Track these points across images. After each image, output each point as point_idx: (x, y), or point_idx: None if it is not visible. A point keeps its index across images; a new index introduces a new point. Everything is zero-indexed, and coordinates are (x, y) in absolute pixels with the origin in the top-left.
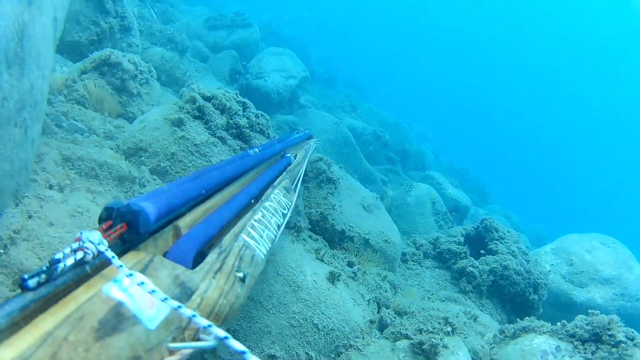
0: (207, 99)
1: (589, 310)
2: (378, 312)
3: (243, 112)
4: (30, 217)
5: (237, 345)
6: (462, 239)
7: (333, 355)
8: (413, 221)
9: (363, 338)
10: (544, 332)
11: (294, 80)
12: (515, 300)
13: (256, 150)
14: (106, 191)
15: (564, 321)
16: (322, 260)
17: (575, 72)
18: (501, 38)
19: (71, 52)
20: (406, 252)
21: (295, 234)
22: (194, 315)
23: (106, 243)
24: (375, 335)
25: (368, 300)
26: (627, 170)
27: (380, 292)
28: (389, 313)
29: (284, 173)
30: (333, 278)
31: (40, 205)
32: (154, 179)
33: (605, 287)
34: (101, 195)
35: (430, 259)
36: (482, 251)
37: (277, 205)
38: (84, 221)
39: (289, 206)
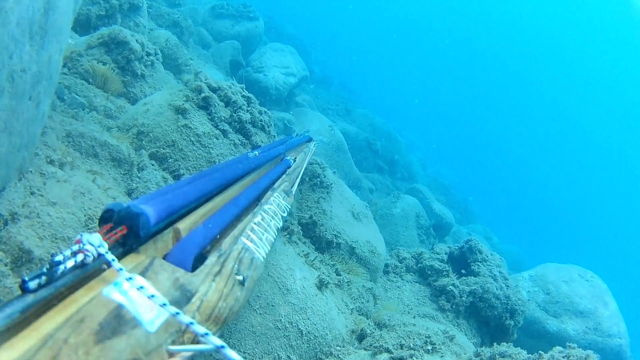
0: (214, 89)
1: (567, 343)
2: (359, 322)
3: (247, 106)
4: (32, 193)
5: (233, 355)
6: (445, 257)
7: None
8: (396, 232)
9: (343, 347)
10: None
11: (293, 79)
12: (491, 323)
13: (256, 152)
14: (104, 172)
15: (541, 352)
16: (311, 265)
17: (569, 91)
18: (497, 49)
19: (78, 25)
20: (389, 264)
21: (287, 235)
22: (191, 323)
23: (106, 245)
24: (354, 345)
25: (351, 310)
26: (611, 200)
27: (362, 302)
28: (369, 324)
29: (284, 176)
30: (321, 285)
31: (42, 182)
32: (152, 164)
33: (579, 320)
34: (101, 176)
35: (411, 274)
36: (464, 271)
37: (276, 208)
38: (85, 203)
39: (288, 209)
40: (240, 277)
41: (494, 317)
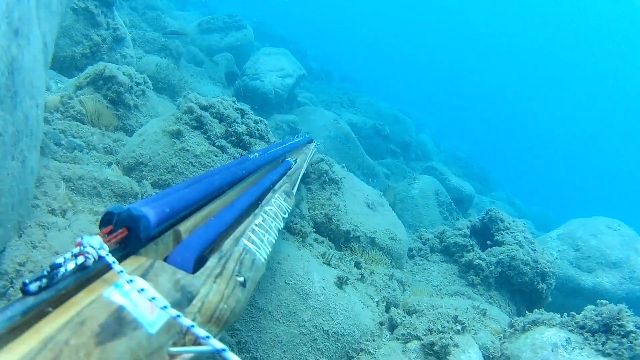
0: (205, 108)
1: (598, 301)
2: (387, 312)
3: (241, 118)
4: (34, 247)
5: (234, 358)
6: (468, 232)
7: None
8: (418, 214)
9: (374, 341)
10: (553, 325)
11: (290, 79)
12: (524, 290)
13: (256, 154)
14: None
15: (573, 313)
16: (329, 265)
17: (573, 59)
18: (498, 23)
19: (65, 67)
20: (413, 248)
21: (301, 239)
22: (192, 326)
23: (107, 248)
24: (386, 336)
25: (377, 302)
26: (630, 151)
27: (388, 292)
28: (398, 312)
29: (284, 177)
30: (341, 283)
31: (44, 233)
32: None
33: (613, 271)
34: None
35: (437, 253)
36: (489, 242)
37: (277, 209)
38: None
39: (289, 210)
40: (241, 279)
41: (525, 283)
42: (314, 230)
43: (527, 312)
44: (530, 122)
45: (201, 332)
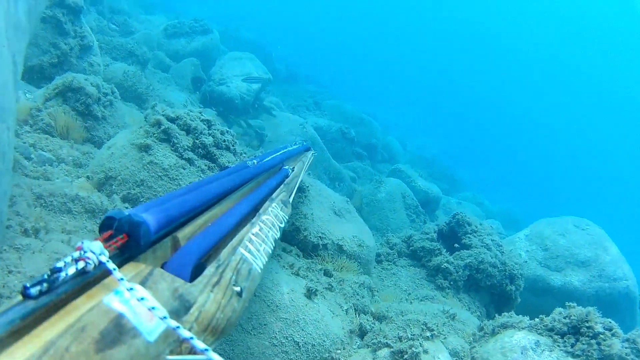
0: (172, 120)
1: (567, 303)
2: (357, 319)
3: (208, 130)
4: (10, 272)
5: (217, 358)
6: (435, 236)
7: None
8: (385, 217)
9: (344, 349)
10: (522, 328)
11: (256, 85)
12: (493, 292)
13: (255, 161)
14: (80, 228)
15: (542, 316)
16: (297, 275)
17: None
18: (466, 16)
19: (34, 77)
20: (380, 253)
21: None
22: (191, 338)
23: (107, 253)
24: (356, 343)
25: (346, 310)
26: (598, 148)
27: (357, 299)
28: (367, 319)
29: (282, 186)
30: (310, 293)
31: (18, 257)
32: (126, 207)
33: (582, 270)
34: (75, 234)
35: (405, 258)
36: (457, 245)
37: (274, 218)
38: None
39: (285, 219)
40: (237, 288)
41: (494, 285)
42: (282, 239)
43: (496, 314)
44: (497, 121)
45: (200, 344)
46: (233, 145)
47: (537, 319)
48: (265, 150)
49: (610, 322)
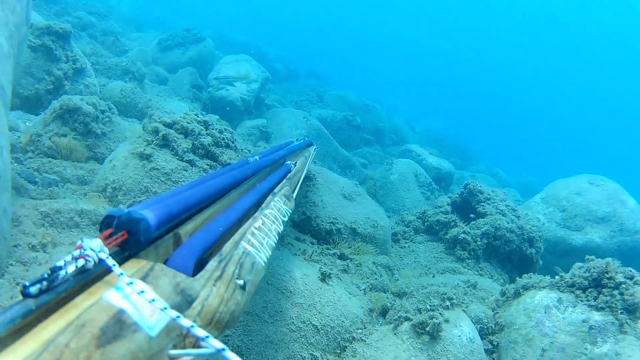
0: (169, 125)
1: (586, 257)
2: (377, 299)
3: (206, 130)
4: (17, 284)
5: (234, 357)
6: (449, 208)
7: (338, 351)
8: (400, 198)
9: (365, 328)
10: (543, 287)
11: (255, 84)
12: (513, 257)
13: (257, 157)
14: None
15: (562, 273)
16: (311, 260)
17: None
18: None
19: (31, 106)
20: (397, 232)
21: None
22: (192, 326)
23: (107, 250)
24: (379, 322)
25: (364, 290)
26: (609, 109)
27: (375, 279)
28: (387, 297)
29: (284, 180)
30: (324, 276)
31: (25, 269)
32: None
33: (602, 226)
34: None
35: (421, 234)
36: (472, 215)
37: (277, 212)
38: None
39: (288, 213)
40: (241, 282)
41: (513, 250)
42: (296, 229)
43: (519, 277)
44: (501, 91)
45: (201, 332)
46: (233, 142)
47: (557, 277)
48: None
49: (631, 270)
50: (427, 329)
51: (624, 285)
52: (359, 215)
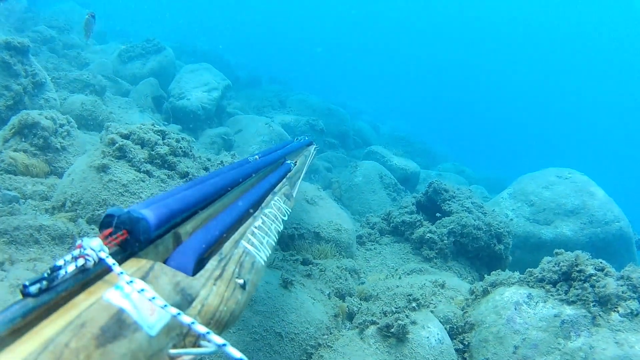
0: (126, 136)
1: (555, 251)
2: (343, 302)
3: (163, 140)
4: None
5: (235, 352)
6: (414, 208)
7: (304, 358)
8: (365, 200)
9: (330, 333)
10: (512, 284)
11: (216, 92)
12: (482, 255)
13: (256, 156)
14: (46, 254)
15: (530, 269)
16: (271, 267)
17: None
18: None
19: None
20: (362, 234)
21: None
22: (192, 323)
23: (107, 250)
24: (346, 327)
25: (328, 295)
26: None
27: (340, 283)
28: (353, 301)
29: (284, 179)
30: (286, 283)
31: None
32: (93, 229)
33: (572, 219)
34: (40, 260)
35: (387, 235)
36: (438, 214)
37: (277, 211)
38: None
39: (288, 213)
40: (241, 281)
41: (481, 248)
42: None
43: (489, 274)
44: (464, 91)
45: (201, 328)
46: (190, 151)
47: (526, 272)
48: (237, 154)
49: (601, 262)
50: (393, 331)
51: (594, 277)
52: (322, 219)
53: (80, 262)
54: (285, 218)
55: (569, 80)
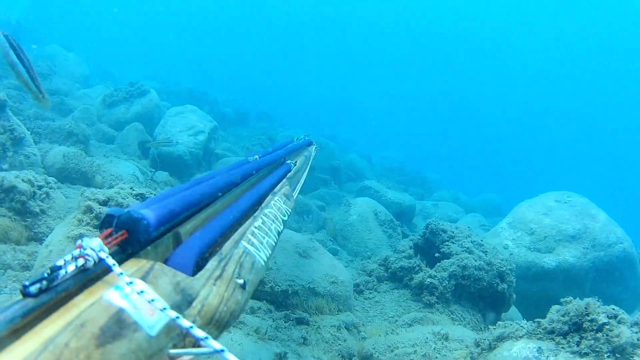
0: (104, 202)
1: (562, 299)
2: None
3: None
4: None
5: (232, 358)
6: (411, 252)
7: None
8: (361, 240)
9: None
10: (520, 337)
11: (203, 136)
12: (485, 295)
13: (256, 156)
14: None
15: (539, 319)
16: (264, 339)
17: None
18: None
19: None
20: (359, 283)
21: None
22: (191, 327)
23: (107, 250)
24: None
25: None
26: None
27: (339, 344)
28: None
29: (284, 180)
30: (280, 358)
31: None
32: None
33: (574, 244)
34: None
35: (385, 282)
36: (437, 254)
37: (277, 211)
38: None
39: (288, 213)
40: (241, 281)
41: (484, 288)
42: (250, 297)
43: (494, 314)
44: (454, 115)
45: (200, 333)
46: None
47: (534, 323)
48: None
49: (613, 308)
50: None
51: (607, 326)
52: (316, 274)
53: (80, 262)
54: (286, 218)
55: (555, 98)
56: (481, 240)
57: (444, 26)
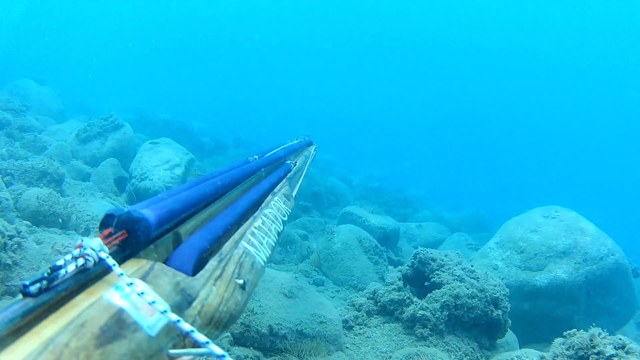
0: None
1: (565, 332)
2: None
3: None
4: None
5: None
6: (400, 284)
7: None
8: (346, 268)
9: None
10: None
11: (179, 169)
12: (479, 322)
13: (256, 156)
14: None
15: (543, 355)
16: None
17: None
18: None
19: None
20: (348, 319)
21: None
22: (192, 331)
23: (107, 250)
24: None
25: None
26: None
27: None
28: None
29: (284, 180)
30: None
31: None
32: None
33: (565, 260)
34: None
35: (375, 316)
36: (427, 283)
37: (277, 212)
38: None
39: (288, 213)
40: (241, 281)
41: (478, 316)
42: (236, 344)
43: (489, 342)
44: (432, 129)
45: (201, 337)
46: None
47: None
48: None
49: (620, 338)
50: None
51: (615, 358)
52: (303, 315)
53: (80, 262)
54: (285, 218)
55: (535, 106)
56: (472, 266)
57: (421, 39)
